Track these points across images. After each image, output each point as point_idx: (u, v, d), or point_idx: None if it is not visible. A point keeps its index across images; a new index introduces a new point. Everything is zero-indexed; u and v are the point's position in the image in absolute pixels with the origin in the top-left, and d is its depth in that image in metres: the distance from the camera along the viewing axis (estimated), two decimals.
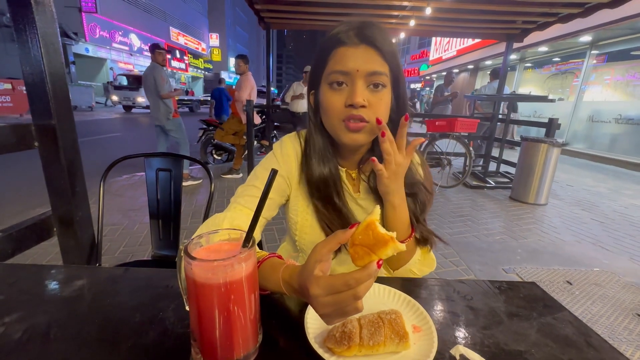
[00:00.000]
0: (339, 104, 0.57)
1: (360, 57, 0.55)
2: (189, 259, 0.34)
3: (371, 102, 0.56)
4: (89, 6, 14.82)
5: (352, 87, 0.55)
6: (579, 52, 7.72)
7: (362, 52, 0.55)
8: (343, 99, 0.56)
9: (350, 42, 0.55)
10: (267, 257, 0.51)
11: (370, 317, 0.43)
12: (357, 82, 0.55)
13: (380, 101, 0.57)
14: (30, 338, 0.42)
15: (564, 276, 1.99)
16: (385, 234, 0.36)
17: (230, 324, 0.36)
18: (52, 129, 1.01)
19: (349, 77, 0.55)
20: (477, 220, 2.93)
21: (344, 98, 0.56)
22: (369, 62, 0.55)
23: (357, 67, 0.55)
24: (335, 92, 0.57)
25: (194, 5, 27.74)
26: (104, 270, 0.60)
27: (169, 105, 3.45)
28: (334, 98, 0.57)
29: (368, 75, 0.55)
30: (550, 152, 3.27)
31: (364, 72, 0.55)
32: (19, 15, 0.91)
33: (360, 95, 0.55)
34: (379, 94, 0.56)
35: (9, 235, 0.97)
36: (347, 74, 0.55)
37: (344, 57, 0.55)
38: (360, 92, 0.55)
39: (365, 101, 0.55)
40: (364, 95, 0.55)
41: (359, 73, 0.55)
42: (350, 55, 0.55)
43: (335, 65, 0.56)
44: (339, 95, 0.57)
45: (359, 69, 0.55)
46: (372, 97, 0.56)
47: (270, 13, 4.02)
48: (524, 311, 0.52)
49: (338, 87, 0.57)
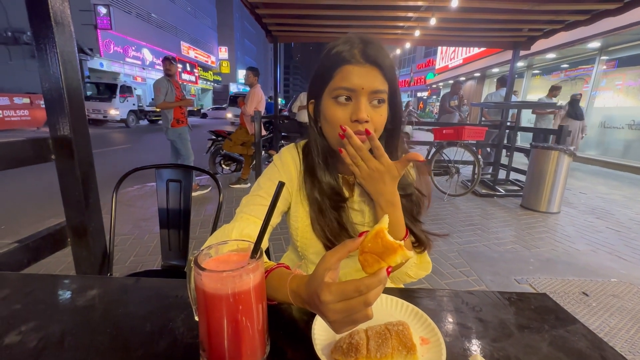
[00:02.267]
0: (344, 118, 0.61)
1: (365, 76, 0.59)
2: (198, 269, 0.35)
3: (372, 117, 0.61)
4: (105, 23, 15.42)
5: (357, 104, 0.60)
6: (588, 58, 7.66)
7: (366, 71, 0.60)
8: (348, 114, 0.61)
9: (355, 61, 0.60)
10: (274, 267, 0.52)
11: (377, 328, 0.43)
12: (362, 99, 0.60)
13: (381, 116, 0.62)
14: (45, 347, 0.43)
15: (579, 287, 1.93)
16: (394, 242, 0.37)
17: (238, 335, 0.37)
18: (69, 142, 1.04)
19: (355, 93, 0.60)
20: (487, 229, 2.88)
21: (349, 113, 0.61)
22: (373, 81, 0.59)
23: (362, 85, 0.59)
24: (340, 106, 0.61)
25: (204, 21, 28.60)
26: (116, 280, 0.62)
27: (167, 115, 3.48)
28: (339, 112, 0.61)
29: (372, 93, 0.60)
30: (561, 158, 3.22)
31: (368, 90, 0.59)
32: (41, 34, 0.96)
33: (365, 112, 0.59)
34: (380, 109, 0.62)
35: (26, 246, 1.00)
36: (353, 91, 0.60)
37: (351, 74, 0.59)
38: (364, 108, 0.59)
39: (368, 117, 0.60)
40: (367, 111, 0.60)
41: (364, 91, 0.59)
42: (356, 74, 0.59)
43: (341, 82, 0.60)
44: (343, 110, 0.61)
45: (364, 87, 0.59)
46: (373, 113, 0.61)
47: (277, 27, 4.12)
48: (535, 323, 0.51)
49: (344, 102, 0.61)
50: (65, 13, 0.98)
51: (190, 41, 25.48)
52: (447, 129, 3.76)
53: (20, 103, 9.38)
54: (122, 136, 9.74)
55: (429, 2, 3.10)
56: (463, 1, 2.97)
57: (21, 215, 2.95)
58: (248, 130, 4.06)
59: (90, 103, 11.78)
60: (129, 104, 12.83)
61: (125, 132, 10.77)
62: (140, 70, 19.28)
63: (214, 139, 4.69)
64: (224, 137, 4.55)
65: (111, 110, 11.87)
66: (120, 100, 12.29)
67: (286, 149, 0.75)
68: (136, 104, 13.52)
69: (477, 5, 3.08)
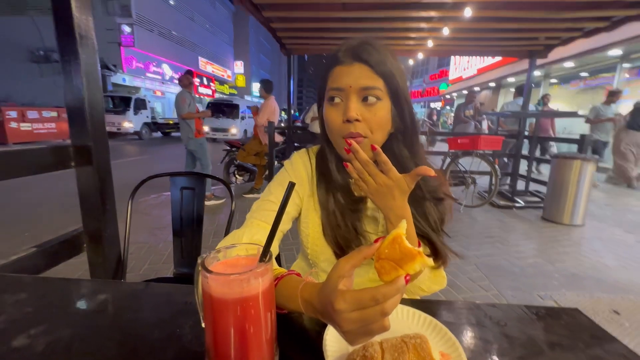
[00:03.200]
0: (338, 120, 0.60)
1: (353, 74, 0.58)
2: (205, 272, 0.33)
3: (366, 116, 0.59)
4: (128, 41, 16.26)
5: (346, 103, 0.59)
6: (609, 66, 7.44)
7: (355, 69, 0.58)
8: (340, 115, 0.60)
9: (345, 61, 0.59)
10: (284, 274, 0.50)
11: (393, 341, 0.40)
12: (351, 98, 0.58)
13: (375, 116, 0.59)
14: (53, 351, 0.42)
15: (609, 305, 1.81)
16: (412, 248, 0.35)
17: (246, 342, 0.35)
18: (88, 149, 1.07)
19: (344, 93, 0.59)
20: (507, 241, 2.76)
21: (341, 114, 0.59)
22: (361, 78, 0.58)
23: (349, 83, 0.58)
24: (332, 107, 0.61)
25: (221, 37, 29.71)
26: (126, 285, 0.61)
27: (190, 126, 3.63)
28: (332, 114, 0.61)
29: (361, 90, 0.58)
30: (584, 168, 3.08)
31: (357, 87, 0.58)
32: (66, 48, 1.01)
33: (353, 110, 0.57)
34: (373, 107, 0.59)
35: (43, 250, 1.02)
36: (342, 90, 0.59)
37: (340, 75, 0.59)
38: (353, 107, 0.58)
39: (359, 115, 0.58)
40: (358, 110, 0.58)
41: (352, 89, 0.58)
42: (345, 73, 0.59)
43: (332, 83, 0.60)
44: (336, 111, 0.60)
45: (351, 85, 0.58)
46: (366, 112, 0.59)
47: (291, 40, 4.22)
48: (567, 340, 0.47)
49: (334, 103, 0.60)
50: (89, 27, 1.03)
51: (208, 56, 26.43)
52: (462, 138, 3.69)
53: (49, 116, 9.90)
54: (136, 148, 9.96)
55: (442, 13, 3.10)
56: (476, 11, 2.96)
57: (46, 222, 3.06)
58: (261, 141, 4.11)
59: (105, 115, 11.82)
60: (142, 117, 13.17)
61: (139, 144, 11.09)
62: (160, 85, 20.07)
63: (229, 150, 4.78)
64: (238, 147, 4.63)
65: (125, 123, 12.11)
66: (134, 113, 12.64)
67: (297, 154, 0.74)
68: (149, 116, 13.83)
69: (490, 14, 3.06)
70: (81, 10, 1.01)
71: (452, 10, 3.02)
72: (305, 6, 3.07)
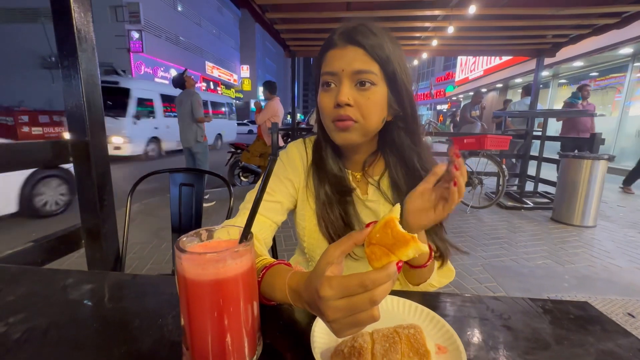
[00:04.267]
0: (330, 105, 0.58)
1: (346, 57, 0.56)
2: (179, 252, 0.31)
3: (359, 101, 0.56)
4: (137, 47, 16.54)
5: (339, 87, 0.56)
6: (620, 66, 7.27)
7: (348, 52, 0.56)
8: (332, 99, 0.57)
9: (339, 44, 0.57)
10: (273, 263, 0.47)
11: (384, 331, 0.37)
12: (343, 82, 0.56)
13: (368, 100, 0.56)
14: (28, 339, 0.40)
15: (623, 307, 1.73)
16: (405, 233, 0.32)
17: (222, 330, 0.32)
18: (86, 145, 1.07)
19: (336, 77, 0.57)
20: (514, 243, 2.69)
21: (333, 98, 0.57)
22: (354, 62, 0.55)
23: (342, 67, 0.56)
24: (325, 92, 0.59)
25: (228, 41, 30.06)
26: (113, 275, 0.59)
27: (202, 128, 3.66)
28: (325, 99, 0.59)
29: (354, 74, 0.55)
30: (595, 168, 3.00)
31: (349, 71, 0.55)
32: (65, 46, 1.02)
33: (345, 95, 0.55)
34: (367, 92, 0.56)
35: (40, 245, 1.02)
36: (334, 74, 0.57)
37: (333, 58, 0.57)
38: (345, 91, 0.55)
39: (350, 100, 0.55)
40: (350, 94, 0.56)
41: (344, 72, 0.56)
42: (338, 57, 0.56)
43: (325, 67, 0.58)
44: (328, 96, 0.58)
45: (344, 69, 0.56)
46: (359, 96, 0.56)
47: (294, 42, 4.23)
48: (576, 335, 0.43)
49: (327, 88, 0.58)
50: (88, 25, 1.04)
51: (215, 61, 26.75)
52: (469, 138, 3.63)
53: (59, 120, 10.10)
54: None
55: (446, 12, 3.07)
56: (481, 9, 2.92)
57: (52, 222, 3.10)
58: (266, 142, 4.11)
59: None
60: None
61: None
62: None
63: (233, 152, 4.79)
64: (243, 149, 4.64)
65: None
66: None
67: (293, 144, 0.72)
68: None
69: (496, 12, 3.02)
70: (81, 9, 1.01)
71: (457, 8, 2.99)
72: (309, 7, 3.07)
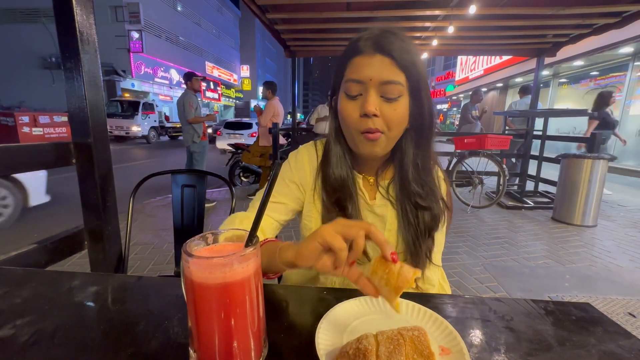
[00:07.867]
0: (355, 114, 0.57)
1: (375, 67, 0.55)
2: (186, 256, 0.32)
3: (385, 112, 0.56)
4: (137, 47, 16.55)
5: (365, 96, 0.55)
6: (620, 65, 7.26)
7: (376, 61, 0.55)
8: (357, 108, 0.57)
9: (366, 52, 0.56)
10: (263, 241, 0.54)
11: (389, 333, 0.38)
12: (370, 91, 0.55)
13: (394, 111, 0.56)
14: (36, 342, 0.41)
15: (624, 307, 1.74)
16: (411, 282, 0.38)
17: (229, 332, 0.33)
18: (89, 146, 1.07)
19: (363, 86, 0.56)
20: (515, 242, 2.69)
21: (359, 107, 0.56)
22: (383, 71, 0.54)
23: (370, 76, 0.55)
24: (350, 101, 0.58)
25: (228, 41, 30.05)
26: (118, 277, 0.60)
27: (196, 129, 3.66)
28: (350, 107, 0.58)
29: (381, 84, 0.55)
30: (596, 168, 3.00)
31: (377, 81, 0.55)
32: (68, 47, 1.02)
33: (372, 104, 0.55)
34: (394, 103, 0.56)
35: (44, 247, 1.02)
36: (362, 83, 0.56)
37: (360, 66, 0.56)
38: (372, 101, 0.55)
39: (377, 110, 0.55)
40: (377, 105, 0.55)
41: (372, 82, 0.55)
42: (366, 65, 0.55)
43: (351, 74, 0.57)
44: (353, 104, 0.57)
45: (372, 78, 0.55)
46: (385, 107, 0.56)
47: (295, 42, 4.23)
48: (578, 336, 0.44)
49: (353, 96, 0.57)
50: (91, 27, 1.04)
51: (215, 61, 26.75)
52: (469, 137, 3.63)
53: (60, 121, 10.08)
54: (144, 151, 9.99)
55: (446, 11, 3.07)
56: (481, 9, 2.92)
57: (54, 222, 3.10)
58: (264, 143, 4.12)
59: (114, 120, 11.82)
60: (150, 121, 13.26)
61: (147, 148, 11.15)
62: (168, 89, 20.37)
63: (234, 152, 4.79)
64: (243, 149, 4.64)
65: (133, 127, 12.04)
66: (142, 117, 12.73)
67: (304, 147, 0.72)
68: (157, 120, 13.95)
69: (496, 12, 3.02)
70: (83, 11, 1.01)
71: (457, 8, 2.99)
72: (309, 7, 3.07)
